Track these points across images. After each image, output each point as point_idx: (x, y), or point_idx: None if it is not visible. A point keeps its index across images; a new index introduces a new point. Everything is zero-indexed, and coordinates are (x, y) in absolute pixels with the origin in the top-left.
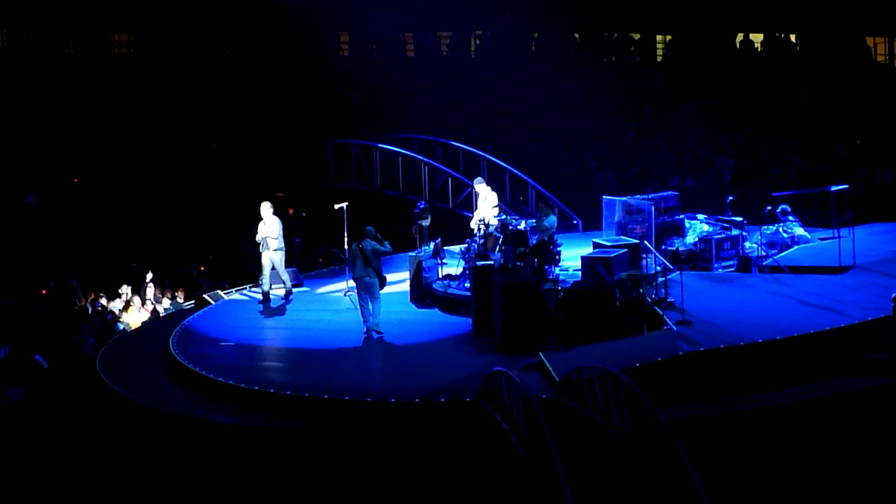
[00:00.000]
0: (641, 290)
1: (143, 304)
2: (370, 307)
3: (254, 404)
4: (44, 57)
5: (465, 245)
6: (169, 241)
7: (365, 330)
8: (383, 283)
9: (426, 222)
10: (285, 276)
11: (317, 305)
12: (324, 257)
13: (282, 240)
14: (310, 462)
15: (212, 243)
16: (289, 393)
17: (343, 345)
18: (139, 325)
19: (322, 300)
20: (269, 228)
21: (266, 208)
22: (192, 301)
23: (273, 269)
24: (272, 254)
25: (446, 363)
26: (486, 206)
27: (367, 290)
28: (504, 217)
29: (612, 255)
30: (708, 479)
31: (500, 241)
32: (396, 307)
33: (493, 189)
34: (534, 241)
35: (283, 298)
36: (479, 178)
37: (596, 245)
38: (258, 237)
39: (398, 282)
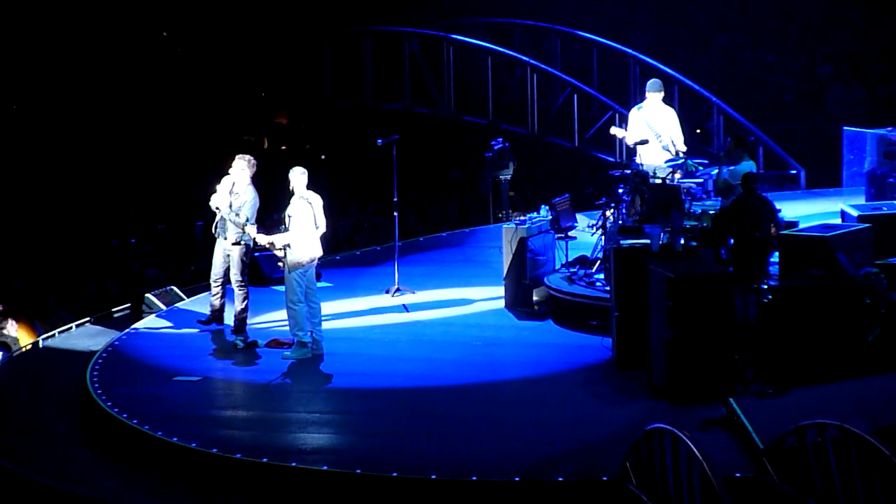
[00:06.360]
0: None
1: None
2: (317, 306)
3: (247, 486)
4: None
5: (604, 209)
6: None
7: (294, 346)
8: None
9: (507, 174)
10: (239, 283)
11: (349, 308)
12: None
13: (254, 222)
14: None
15: (162, 207)
16: (325, 468)
17: (395, 381)
18: (26, 346)
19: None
20: (242, 199)
21: (242, 167)
22: (128, 305)
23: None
24: (229, 246)
25: (568, 416)
26: (668, 125)
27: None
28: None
29: (828, 234)
30: None
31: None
32: (484, 318)
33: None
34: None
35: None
36: (656, 82)
37: (845, 215)
38: (216, 204)
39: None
